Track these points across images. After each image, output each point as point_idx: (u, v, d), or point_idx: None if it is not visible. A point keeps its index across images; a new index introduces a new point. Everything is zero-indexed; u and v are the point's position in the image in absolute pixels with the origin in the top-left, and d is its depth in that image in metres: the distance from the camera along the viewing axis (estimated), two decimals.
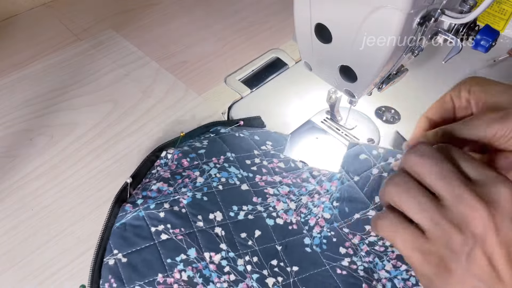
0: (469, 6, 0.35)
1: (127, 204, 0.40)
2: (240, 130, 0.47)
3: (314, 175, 0.44)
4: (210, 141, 0.45)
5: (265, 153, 0.45)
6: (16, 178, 0.45)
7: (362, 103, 0.53)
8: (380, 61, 0.36)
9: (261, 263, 0.38)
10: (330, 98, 0.49)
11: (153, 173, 0.43)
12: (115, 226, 0.39)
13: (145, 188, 0.41)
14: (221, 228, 0.39)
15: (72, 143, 0.49)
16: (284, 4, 0.71)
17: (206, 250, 0.38)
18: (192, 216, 0.39)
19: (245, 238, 0.39)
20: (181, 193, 0.40)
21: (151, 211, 0.39)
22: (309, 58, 0.43)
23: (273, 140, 0.47)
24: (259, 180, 0.43)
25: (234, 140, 0.46)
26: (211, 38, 0.64)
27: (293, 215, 0.41)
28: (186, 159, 0.43)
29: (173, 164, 0.43)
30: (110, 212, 0.40)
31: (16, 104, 0.53)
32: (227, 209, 0.40)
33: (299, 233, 0.41)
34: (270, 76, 0.58)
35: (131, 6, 0.69)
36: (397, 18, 0.31)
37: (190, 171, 0.42)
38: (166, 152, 0.44)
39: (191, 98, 0.54)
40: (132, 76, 0.57)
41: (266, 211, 0.41)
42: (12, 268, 0.39)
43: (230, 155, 0.44)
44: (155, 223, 0.38)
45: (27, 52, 0.60)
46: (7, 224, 0.41)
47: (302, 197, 0.42)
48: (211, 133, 0.47)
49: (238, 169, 0.43)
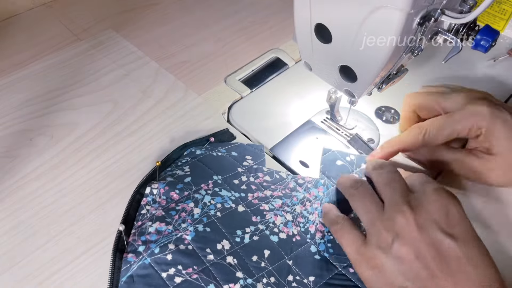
0: (469, 6, 0.35)
1: (129, 254, 0.38)
2: (215, 148, 0.47)
3: (300, 183, 0.45)
4: (191, 166, 0.44)
5: (249, 168, 0.45)
6: (16, 178, 0.45)
7: (362, 103, 0.53)
8: (380, 61, 0.36)
9: (279, 281, 0.38)
10: (330, 98, 0.49)
11: (143, 213, 0.40)
12: (121, 282, 0.36)
13: (142, 233, 0.39)
14: (232, 256, 0.38)
15: (72, 143, 0.49)
16: (284, 4, 0.71)
17: (224, 283, 0.36)
18: (200, 251, 0.37)
19: (257, 261, 0.39)
20: (182, 229, 0.38)
21: (157, 256, 0.37)
22: (309, 58, 0.43)
23: (251, 154, 0.47)
24: (252, 198, 0.43)
25: (215, 161, 0.45)
26: (211, 38, 0.64)
27: (292, 227, 0.42)
28: (175, 191, 0.41)
29: (162, 200, 0.41)
30: (112, 267, 0.37)
31: (16, 104, 0.53)
32: (232, 235, 0.39)
33: (304, 243, 0.41)
34: (270, 76, 0.58)
35: (131, 6, 0.69)
36: (397, 18, 0.31)
37: (183, 204, 0.40)
38: (150, 188, 0.41)
39: (191, 98, 0.54)
40: (132, 76, 0.57)
41: (268, 228, 0.41)
42: (12, 268, 0.39)
43: (217, 178, 0.43)
44: (164, 267, 0.36)
45: (27, 52, 0.60)
46: (7, 224, 0.41)
47: (296, 207, 0.43)
48: (187, 156, 0.46)
49: (229, 191, 0.43)
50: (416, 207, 0.34)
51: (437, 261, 0.32)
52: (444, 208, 0.34)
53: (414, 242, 0.32)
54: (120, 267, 0.37)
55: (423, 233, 0.32)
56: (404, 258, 0.32)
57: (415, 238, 0.32)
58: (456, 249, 0.32)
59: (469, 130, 0.40)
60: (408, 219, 0.33)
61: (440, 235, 0.32)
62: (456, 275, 0.31)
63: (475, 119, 0.40)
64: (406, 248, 0.32)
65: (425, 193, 0.35)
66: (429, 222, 0.33)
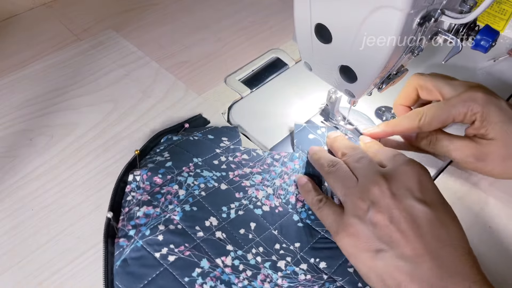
0: (469, 6, 0.35)
1: (120, 239, 0.38)
2: (191, 133, 0.48)
3: (276, 158, 0.47)
4: (170, 152, 0.45)
5: (226, 149, 0.47)
6: (16, 178, 0.45)
7: (362, 103, 0.53)
8: (380, 61, 0.36)
9: (267, 250, 0.40)
10: (330, 98, 0.49)
11: (128, 200, 0.41)
12: (116, 266, 0.37)
13: (131, 218, 0.40)
14: (220, 231, 0.40)
15: (72, 143, 0.49)
16: (284, 4, 0.71)
17: (216, 257, 0.38)
18: (190, 229, 0.39)
19: (244, 233, 0.40)
20: (169, 210, 0.40)
21: (149, 238, 0.38)
22: (309, 58, 0.43)
23: (227, 135, 0.48)
24: (233, 176, 0.44)
25: (193, 145, 0.46)
26: (211, 38, 0.64)
27: (274, 199, 0.44)
28: (158, 176, 0.42)
29: (146, 185, 0.42)
30: (105, 253, 0.38)
31: (16, 104, 0.53)
32: (218, 212, 0.41)
33: (286, 213, 0.43)
34: (270, 76, 0.58)
35: (131, 6, 0.69)
36: (397, 18, 0.31)
37: (168, 187, 0.42)
38: (133, 175, 0.42)
39: (191, 98, 0.54)
40: (132, 76, 0.57)
41: (251, 202, 0.43)
42: (12, 268, 0.39)
43: (197, 160, 0.44)
44: (156, 248, 0.37)
45: (27, 52, 0.60)
46: (7, 224, 0.41)
47: (275, 180, 0.45)
48: (165, 143, 0.47)
49: (210, 171, 0.44)
50: (389, 177, 0.37)
51: (410, 224, 0.34)
52: (416, 177, 0.36)
53: (388, 209, 0.35)
54: (113, 252, 0.38)
55: (396, 200, 0.35)
56: (379, 223, 0.35)
57: (389, 204, 0.35)
58: (428, 213, 0.34)
59: (464, 115, 0.42)
60: (382, 188, 0.36)
61: (413, 201, 0.35)
62: (427, 236, 0.33)
63: (470, 105, 0.41)
64: (381, 215, 0.35)
65: (397, 164, 0.38)
66: (403, 190, 0.35)
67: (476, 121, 0.42)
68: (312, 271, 0.39)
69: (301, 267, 0.39)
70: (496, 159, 0.42)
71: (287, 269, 0.39)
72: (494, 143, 0.42)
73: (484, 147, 0.42)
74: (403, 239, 0.33)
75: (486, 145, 0.42)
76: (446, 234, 0.34)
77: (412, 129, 0.44)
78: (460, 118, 0.42)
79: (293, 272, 0.39)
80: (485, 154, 0.42)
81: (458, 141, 0.44)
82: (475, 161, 0.43)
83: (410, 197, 0.35)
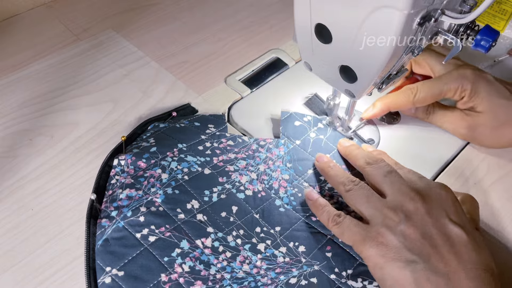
0: (469, 6, 0.35)
1: (102, 219, 0.39)
2: (178, 121, 0.49)
3: (262, 144, 0.47)
4: (156, 138, 0.46)
5: (212, 135, 0.47)
6: (16, 178, 0.45)
7: (362, 103, 0.53)
8: (380, 61, 0.36)
9: (248, 233, 0.41)
10: (328, 104, 0.49)
11: (112, 183, 0.42)
12: (97, 245, 0.38)
13: (113, 200, 0.40)
14: (202, 214, 0.41)
15: (72, 143, 0.49)
16: (284, 4, 0.71)
17: (196, 238, 0.39)
18: (171, 211, 0.40)
19: (225, 216, 0.41)
20: (152, 193, 0.41)
21: (130, 219, 0.39)
22: (309, 58, 0.43)
23: (213, 123, 0.49)
24: (217, 161, 0.45)
25: (178, 132, 0.47)
26: (211, 38, 0.64)
27: (257, 184, 0.44)
28: (142, 161, 0.43)
29: (130, 169, 0.43)
30: (87, 233, 0.38)
31: (16, 104, 0.53)
32: (200, 195, 0.42)
33: (269, 198, 0.44)
34: (270, 76, 0.58)
35: (131, 6, 0.69)
36: (397, 18, 0.31)
37: (151, 171, 0.42)
38: (118, 159, 0.43)
39: (191, 98, 0.54)
40: (132, 76, 0.57)
41: (234, 187, 0.43)
42: (12, 268, 0.39)
43: (181, 146, 0.45)
44: (138, 229, 0.38)
45: (27, 52, 0.60)
46: (7, 224, 0.42)
47: (259, 166, 0.45)
48: (151, 130, 0.48)
49: (194, 156, 0.45)
50: (424, 196, 0.36)
51: (444, 241, 0.34)
52: (451, 201, 0.37)
53: (423, 224, 0.35)
54: (95, 233, 0.39)
55: (432, 218, 0.35)
56: (411, 236, 0.34)
57: (424, 220, 0.35)
58: (462, 235, 0.34)
59: (455, 91, 0.45)
60: (417, 205, 0.36)
61: (448, 222, 0.35)
62: (462, 256, 0.33)
63: (460, 81, 0.45)
64: (414, 228, 0.35)
65: (430, 185, 0.38)
66: (438, 211, 0.35)
67: (465, 97, 0.45)
68: (291, 255, 0.40)
69: (280, 250, 0.40)
70: (486, 129, 0.45)
71: (267, 252, 0.40)
72: (484, 115, 0.45)
73: (475, 119, 0.46)
74: (437, 254, 0.33)
75: (476, 117, 0.46)
76: (478, 258, 0.33)
77: (407, 104, 0.47)
78: (451, 94, 0.46)
79: (272, 254, 0.40)
80: (476, 126, 0.46)
81: (451, 114, 0.48)
82: (467, 132, 0.47)
83: (446, 217, 0.35)
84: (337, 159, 0.47)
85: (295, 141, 0.48)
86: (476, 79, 0.45)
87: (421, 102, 0.47)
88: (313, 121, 0.50)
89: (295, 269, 0.39)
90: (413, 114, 0.50)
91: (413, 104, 0.47)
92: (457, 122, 0.47)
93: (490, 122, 0.45)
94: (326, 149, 0.48)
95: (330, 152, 0.47)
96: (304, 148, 0.48)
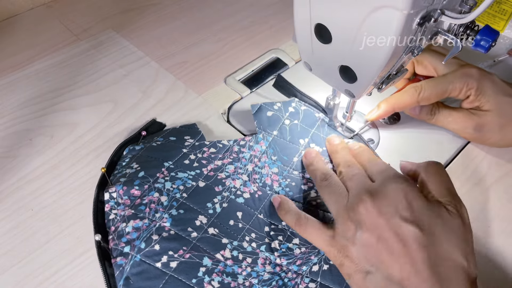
0: (469, 6, 0.35)
1: (117, 258, 0.37)
2: (152, 139, 0.47)
3: (242, 144, 0.47)
4: (138, 161, 0.44)
5: (192, 147, 0.47)
6: (16, 178, 0.45)
7: (362, 103, 0.53)
8: (380, 61, 0.36)
9: (259, 235, 0.41)
10: (328, 104, 0.49)
11: (111, 219, 0.40)
12: (119, 286, 0.36)
13: (121, 235, 0.39)
14: (212, 227, 0.40)
15: (72, 143, 0.49)
16: (284, 4, 0.71)
17: (215, 252, 0.39)
18: (183, 232, 0.39)
19: (234, 224, 0.41)
20: (158, 218, 0.40)
21: (146, 250, 0.37)
22: (309, 58, 0.43)
23: (189, 134, 0.48)
24: (207, 171, 0.45)
25: (158, 150, 0.45)
26: (211, 38, 0.64)
27: (251, 185, 0.44)
28: (134, 188, 0.41)
29: (125, 200, 0.41)
30: (105, 276, 0.37)
31: (16, 104, 0.53)
32: (205, 209, 0.41)
33: (266, 195, 0.44)
34: (270, 76, 0.58)
35: (131, 6, 0.69)
36: (397, 18, 0.31)
37: (148, 196, 0.41)
38: (108, 193, 0.41)
39: (191, 98, 0.54)
40: (132, 76, 0.57)
41: (232, 193, 0.43)
42: (12, 268, 0.39)
43: (168, 164, 0.44)
44: (156, 258, 0.37)
45: (27, 52, 0.60)
46: (7, 224, 0.42)
47: (247, 166, 0.46)
48: (129, 154, 0.46)
49: (184, 172, 0.44)
50: (376, 194, 0.35)
51: (397, 244, 0.33)
52: (402, 194, 0.35)
53: (375, 227, 0.34)
54: (113, 273, 0.37)
55: (382, 219, 0.34)
56: (368, 242, 0.34)
57: (376, 223, 0.34)
58: (415, 233, 0.33)
59: (460, 90, 0.45)
60: (367, 207, 0.35)
61: (400, 220, 0.33)
62: (415, 257, 0.32)
63: (466, 79, 0.44)
64: (368, 234, 0.34)
65: (384, 180, 0.37)
66: (389, 208, 0.34)
67: (471, 96, 0.45)
68: (305, 243, 0.40)
69: (294, 242, 0.41)
70: (493, 128, 0.45)
71: (282, 247, 0.40)
72: (490, 114, 0.44)
73: (481, 118, 0.45)
74: (390, 260, 0.33)
75: (482, 116, 0.45)
76: (435, 255, 0.32)
77: (412, 103, 0.46)
78: (456, 93, 0.45)
79: (288, 248, 0.40)
80: (482, 125, 0.45)
81: (456, 113, 0.47)
82: (474, 132, 0.46)
83: (396, 215, 0.34)
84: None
85: (272, 132, 0.48)
86: (482, 78, 0.44)
87: (426, 101, 0.46)
88: (284, 107, 0.50)
89: (313, 256, 0.39)
90: (418, 116, 0.49)
91: (418, 103, 0.46)
92: (463, 121, 0.46)
93: (498, 120, 0.44)
94: (303, 134, 0.48)
95: (308, 135, 0.48)
96: (282, 137, 0.48)
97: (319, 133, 0.49)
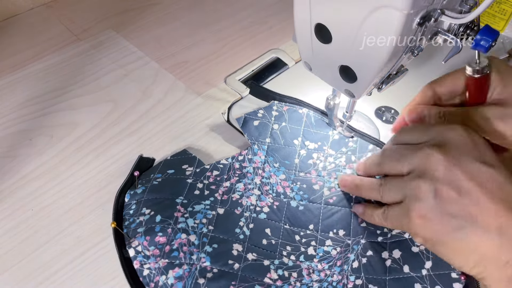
0: (469, 6, 0.35)
1: None
2: (149, 178, 0.44)
3: (240, 160, 0.47)
4: (148, 206, 0.41)
5: (195, 174, 0.45)
6: (16, 178, 0.45)
7: (362, 103, 0.53)
8: (380, 61, 0.36)
9: (293, 246, 0.41)
10: (328, 104, 0.49)
11: (146, 275, 0.37)
12: None
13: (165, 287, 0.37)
14: (250, 252, 0.40)
15: (72, 143, 0.49)
16: (284, 4, 0.71)
17: (263, 277, 0.38)
18: (225, 267, 0.38)
19: (268, 242, 0.41)
20: (196, 261, 0.38)
21: None
22: (309, 58, 0.43)
23: (185, 162, 0.46)
24: (220, 196, 0.43)
25: (163, 187, 0.43)
26: (211, 38, 0.64)
27: (266, 198, 0.44)
28: (158, 235, 0.39)
29: (154, 251, 0.38)
30: None
31: (16, 104, 0.53)
32: (235, 237, 0.40)
33: (283, 204, 0.44)
34: (270, 76, 0.58)
35: (131, 6, 0.69)
36: (397, 18, 0.31)
37: (176, 240, 0.39)
38: (133, 248, 0.38)
39: (191, 98, 0.54)
40: (132, 76, 0.57)
41: (252, 212, 0.43)
42: (12, 268, 0.39)
43: (180, 200, 0.42)
44: None
45: (27, 52, 0.60)
46: (7, 224, 0.42)
47: (255, 180, 0.45)
48: (132, 200, 0.42)
49: (199, 203, 0.42)
50: (441, 146, 0.32)
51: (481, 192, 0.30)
52: (469, 138, 0.33)
53: (452, 180, 0.31)
54: None
55: (459, 168, 0.31)
56: (448, 199, 0.31)
57: (452, 175, 0.31)
58: (494, 174, 0.31)
59: None
60: (439, 159, 0.32)
61: (475, 164, 0.31)
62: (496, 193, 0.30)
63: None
64: (447, 189, 0.31)
65: (441, 133, 0.34)
66: (461, 156, 0.32)
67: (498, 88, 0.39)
68: (338, 243, 0.40)
69: (327, 244, 0.40)
70: None
71: (318, 252, 0.40)
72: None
73: (506, 109, 0.38)
74: (480, 211, 0.30)
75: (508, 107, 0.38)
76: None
77: (431, 101, 0.42)
78: None
79: (324, 252, 0.40)
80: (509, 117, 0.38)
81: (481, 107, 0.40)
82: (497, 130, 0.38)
83: (472, 160, 0.31)
84: None
85: (265, 140, 0.48)
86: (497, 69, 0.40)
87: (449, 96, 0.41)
88: (267, 112, 0.49)
89: (350, 254, 0.39)
90: None
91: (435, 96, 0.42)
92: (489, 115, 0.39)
93: None
94: (295, 134, 0.48)
95: (299, 134, 0.48)
96: (276, 143, 0.47)
97: (309, 128, 0.49)
